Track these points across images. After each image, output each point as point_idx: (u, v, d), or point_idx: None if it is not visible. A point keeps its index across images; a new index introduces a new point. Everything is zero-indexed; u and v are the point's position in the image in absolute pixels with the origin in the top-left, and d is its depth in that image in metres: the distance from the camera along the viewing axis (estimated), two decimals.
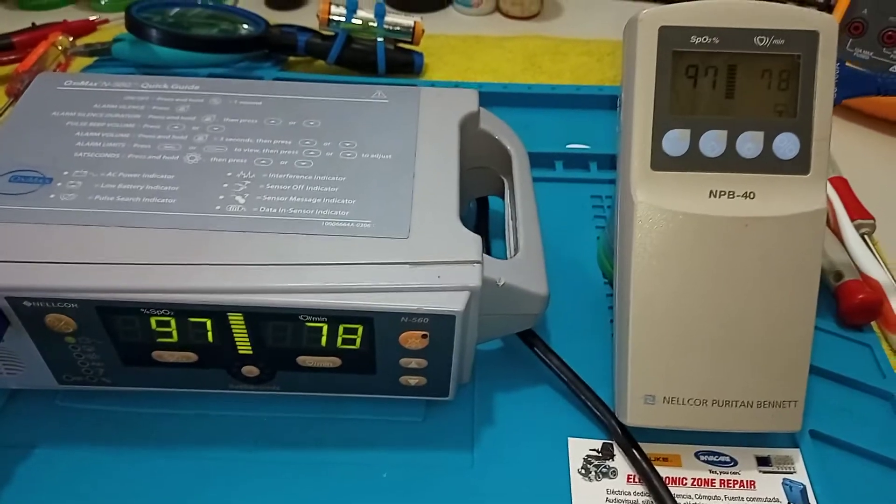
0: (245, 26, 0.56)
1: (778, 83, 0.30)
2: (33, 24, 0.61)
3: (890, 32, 0.51)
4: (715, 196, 0.30)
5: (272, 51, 0.56)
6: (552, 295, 0.33)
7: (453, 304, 0.29)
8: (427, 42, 0.60)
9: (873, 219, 0.42)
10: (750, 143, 0.30)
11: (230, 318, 0.29)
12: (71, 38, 0.58)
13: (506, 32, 0.65)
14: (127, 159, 0.33)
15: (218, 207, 0.31)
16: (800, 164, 0.30)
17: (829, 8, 0.53)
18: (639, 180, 0.30)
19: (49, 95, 0.37)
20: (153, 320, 0.29)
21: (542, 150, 0.47)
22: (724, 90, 0.30)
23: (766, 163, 0.30)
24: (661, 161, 0.30)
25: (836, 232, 0.42)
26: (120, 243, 0.29)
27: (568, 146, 0.49)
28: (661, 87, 0.30)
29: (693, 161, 0.30)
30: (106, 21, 0.63)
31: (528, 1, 0.66)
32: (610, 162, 0.48)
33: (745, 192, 0.30)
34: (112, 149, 0.34)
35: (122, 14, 0.64)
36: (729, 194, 0.30)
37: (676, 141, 0.30)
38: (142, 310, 0.29)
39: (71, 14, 0.65)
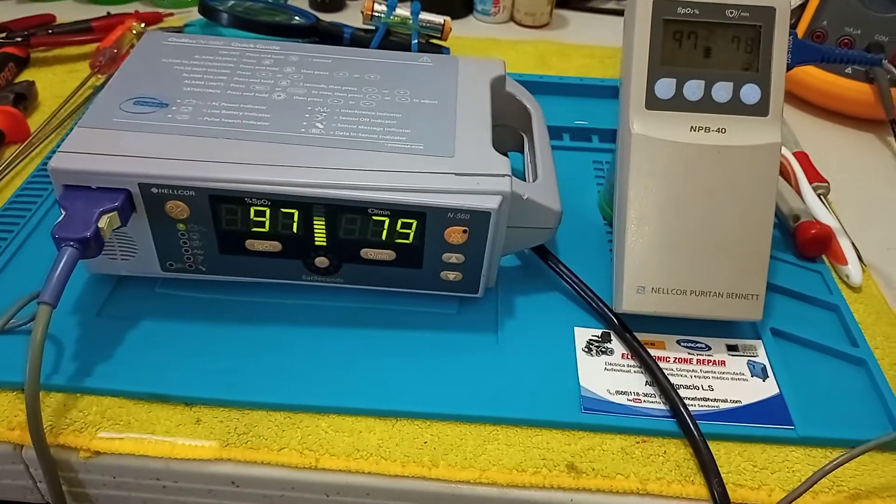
0: (297, 18, 0.65)
1: (744, 46, 0.39)
2: (108, 12, 0.70)
3: (846, 40, 0.60)
4: (695, 130, 0.39)
5: (321, 40, 0.64)
6: (563, 229, 0.40)
7: (490, 203, 0.37)
8: (452, 41, 0.69)
9: (828, 182, 0.51)
10: (722, 91, 0.39)
11: (314, 209, 0.37)
12: (143, 24, 0.67)
13: (519, 38, 0.74)
14: (226, 94, 0.41)
15: (303, 130, 0.39)
16: (761, 108, 0.39)
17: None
18: (635, 116, 0.39)
19: (157, 47, 0.45)
20: (252, 210, 0.37)
21: (553, 123, 0.56)
22: (703, 50, 0.39)
23: (735, 106, 0.39)
24: (653, 102, 0.39)
25: (798, 191, 0.51)
26: (228, 149, 0.37)
27: (574, 122, 0.57)
28: (654, 46, 0.39)
29: (678, 103, 0.39)
30: (171, 14, 0.73)
31: (538, 12, 0.76)
32: (609, 135, 0.57)
33: (718, 128, 0.39)
34: (213, 86, 0.42)
35: (183, 9, 0.74)
36: (706, 129, 0.39)
37: (665, 87, 0.39)
38: (245, 199, 0.37)
39: (138, 8, 0.75)
